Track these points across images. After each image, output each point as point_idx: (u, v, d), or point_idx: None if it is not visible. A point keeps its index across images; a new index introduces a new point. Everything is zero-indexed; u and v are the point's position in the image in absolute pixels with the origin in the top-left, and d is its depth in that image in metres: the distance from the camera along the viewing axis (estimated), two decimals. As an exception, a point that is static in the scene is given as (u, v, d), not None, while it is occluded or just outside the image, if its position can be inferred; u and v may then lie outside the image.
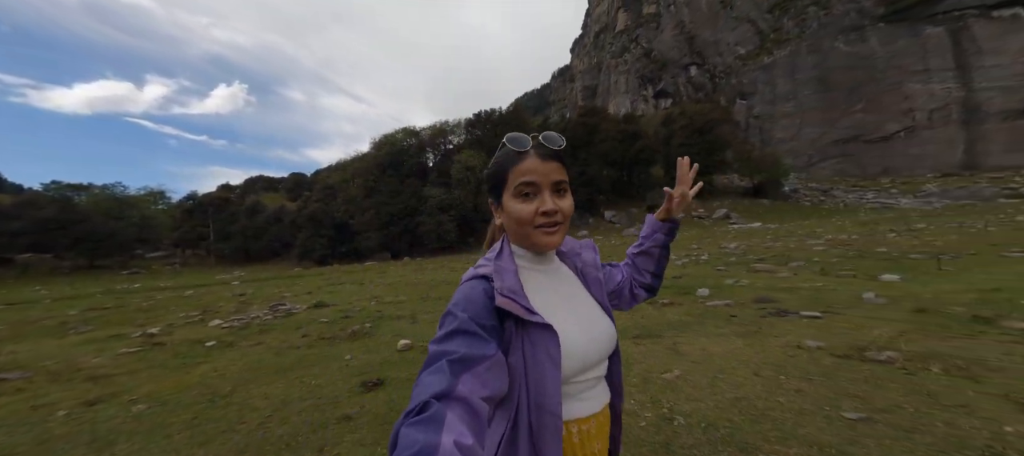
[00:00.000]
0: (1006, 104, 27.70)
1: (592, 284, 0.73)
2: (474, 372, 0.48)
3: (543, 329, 0.57)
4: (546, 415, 0.55)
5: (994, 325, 3.03)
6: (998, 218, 12.31)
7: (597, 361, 0.65)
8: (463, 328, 0.52)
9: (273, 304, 7.00)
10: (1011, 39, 27.03)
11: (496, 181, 0.66)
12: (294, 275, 17.32)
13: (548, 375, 0.56)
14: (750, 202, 30.93)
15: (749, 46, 44.43)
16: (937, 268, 5.44)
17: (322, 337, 4.52)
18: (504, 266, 0.62)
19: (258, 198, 40.59)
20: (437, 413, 0.41)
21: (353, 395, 2.72)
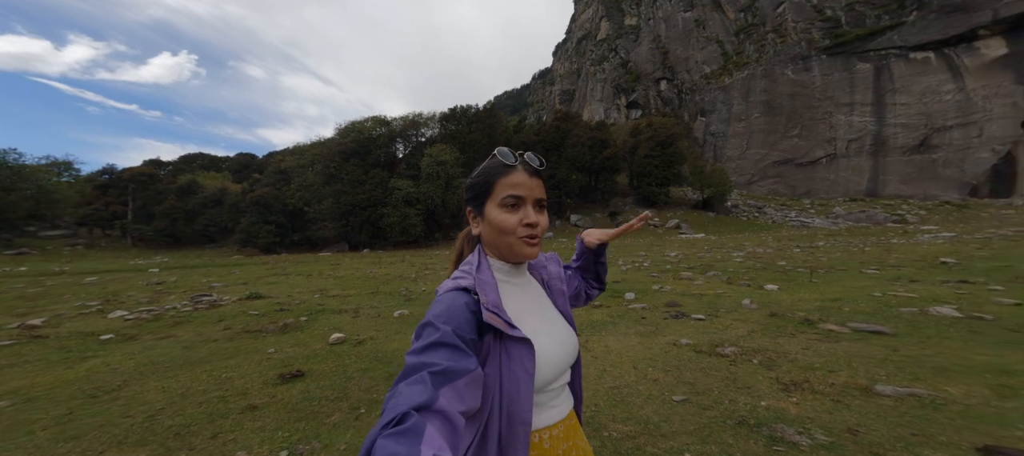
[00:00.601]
0: (906, 140, 32.41)
1: (557, 296, 0.75)
2: (454, 386, 0.48)
3: (521, 342, 0.58)
4: (517, 425, 0.56)
5: (813, 327, 3.58)
6: (878, 240, 14.30)
7: (564, 370, 0.67)
8: (445, 341, 0.51)
9: (196, 295, 6.15)
10: (919, 80, 31.50)
11: (481, 190, 0.67)
12: (231, 263, 15.58)
13: (522, 387, 0.57)
14: (699, 214, 33.34)
15: (715, 66, 47.75)
16: (809, 280, 6.23)
17: (247, 330, 4.08)
18: (485, 279, 0.63)
19: (193, 177, 36.01)
20: (416, 425, 0.41)
21: (266, 386, 2.47)
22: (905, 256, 8.83)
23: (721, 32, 46.86)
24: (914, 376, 2.31)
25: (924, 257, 8.30)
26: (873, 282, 5.79)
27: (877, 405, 1.97)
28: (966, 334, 3.10)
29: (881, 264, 7.68)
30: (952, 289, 5.00)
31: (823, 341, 3.18)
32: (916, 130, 31.34)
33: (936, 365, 2.48)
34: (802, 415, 1.95)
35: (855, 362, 2.63)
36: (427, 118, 33.24)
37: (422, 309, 5.33)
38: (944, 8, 29.12)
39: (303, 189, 28.59)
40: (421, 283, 7.97)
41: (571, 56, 75.44)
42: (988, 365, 2.42)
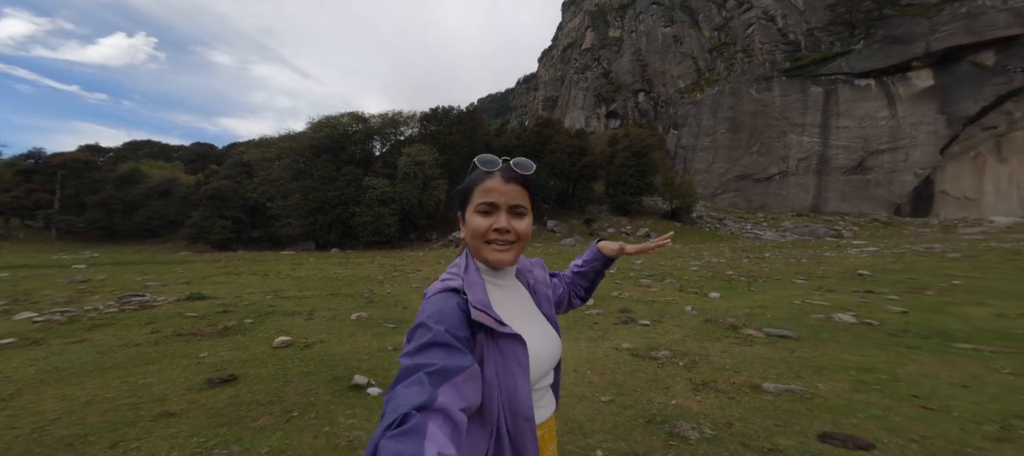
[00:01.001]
0: (845, 161, 35.84)
1: (542, 300, 0.77)
2: (453, 383, 0.48)
3: (512, 339, 0.59)
4: (521, 421, 0.57)
5: (736, 332, 3.95)
6: (815, 253, 15.64)
7: (550, 369, 0.70)
8: (439, 340, 0.52)
9: (125, 295, 5.66)
10: (860, 105, 34.90)
11: (463, 196, 0.70)
12: (176, 260, 14.40)
13: (519, 381, 0.58)
14: (667, 223, 34.95)
15: (689, 81, 50.18)
16: (748, 289, 6.82)
17: (179, 333, 3.84)
18: (473, 280, 0.64)
19: (138, 165, 32.86)
20: (418, 425, 0.41)
21: (189, 392, 2.36)
22: (832, 268, 9.81)
23: (696, 49, 49.69)
24: (797, 374, 2.65)
25: (846, 269, 9.26)
26: (798, 291, 6.39)
27: (760, 400, 2.25)
28: (853, 338, 3.55)
29: (809, 275, 8.43)
30: (858, 298, 5.64)
31: (740, 345, 3.52)
32: (854, 152, 34.76)
33: (818, 364, 2.85)
34: (700, 411, 2.18)
35: (758, 363, 2.94)
36: (407, 117, 32.53)
37: (383, 311, 5.24)
38: (886, 39, 32.63)
39: (267, 183, 26.96)
40: (388, 285, 7.79)
41: (556, 63, 76.85)
42: (857, 364, 2.81)
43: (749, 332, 3.89)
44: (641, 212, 36.72)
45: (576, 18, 73.86)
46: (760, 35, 42.94)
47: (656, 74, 52.29)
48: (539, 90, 79.64)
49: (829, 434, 1.77)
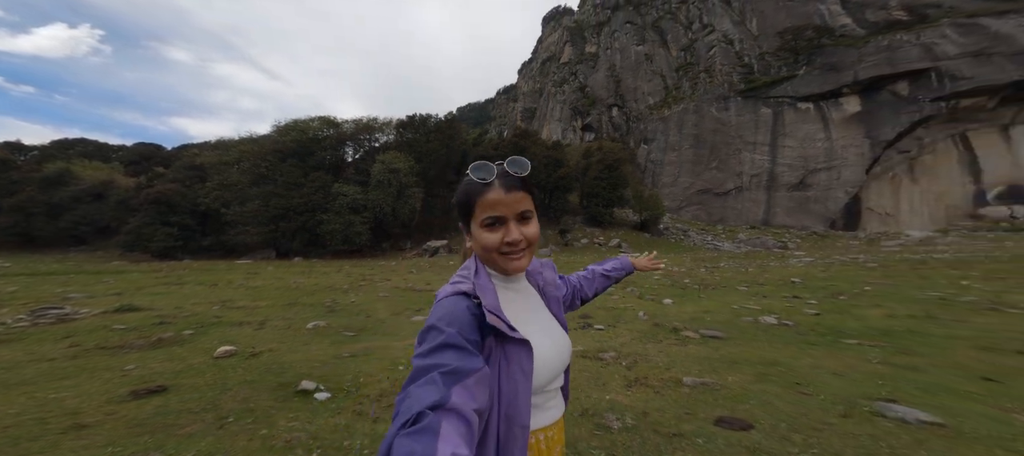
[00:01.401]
0: (789, 178, 39.60)
1: (552, 302, 0.78)
2: (465, 385, 0.49)
3: (520, 344, 0.60)
4: (516, 427, 0.57)
5: (677, 334, 4.30)
6: (762, 263, 16.94)
7: (559, 373, 0.70)
8: (452, 342, 0.53)
9: (39, 308, 5.08)
10: (801, 127, 38.92)
11: (464, 210, 0.69)
12: (106, 270, 13.02)
13: (520, 388, 0.58)
14: (637, 235, 36.57)
15: (657, 98, 53.34)
16: (698, 296, 7.40)
17: (102, 346, 3.56)
18: (484, 284, 0.64)
19: (67, 165, 29.42)
20: (432, 424, 0.41)
21: (108, 404, 2.24)
22: (772, 276, 10.81)
23: (665, 67, 53.21)
24: (714, 369, 2.97)
25: (783, 278, 10.24)
26: (739, 297, 6.99)
27: (679, 393, 2.51)
28: (770, 337, 4.01)
29: (752, 283, 9.20)
30: (785, 303, 6.29)
31: (678, 345, 3.84)
32: (797, 170, 38.60)
33: (734, 360, 3.21)
34: (628, 404, 2.40)
35: (687, 361, 3.26)
36: (382, 123, 31.89)
37: (345, 320, 5.11)
38: (823, 66, 37.05)
39: (223, 188, 25.17)
40: (353, 294, 7.55)
41: (535, 76, 79.02)
42: (764, 359, 3.21)
43: (687, 334, 4.25)
44: (613, 223, 38.17)
45: (556, 33, 76.77)
46: (720, 57, 47.06)
47: (628, 90, 55.29)
48: (518, 101, 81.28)
49: (723, 418, 2.05)
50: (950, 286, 7.74)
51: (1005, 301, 5.97)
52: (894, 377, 2.71)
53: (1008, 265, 10.48)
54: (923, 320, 4.83)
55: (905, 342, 3.71)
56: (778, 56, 42.37)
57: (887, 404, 2.14)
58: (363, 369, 2.99)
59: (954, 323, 4.64)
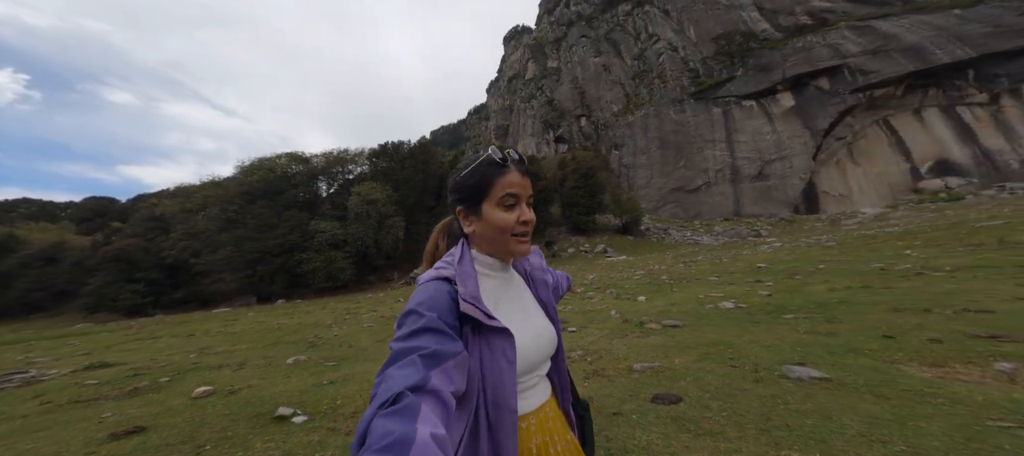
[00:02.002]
0: (749, 170, 42.20)
1: (540, 286, 0.78)
2: (443, 368, 0.50)
3: (500, 333, 0.60)
4: (504, 412, 0.58)
5: (642, 327, 4.61)
6: (737, 252, 17.56)
7: (541, 361, 0.71)
8: (431, 326, 0.53)
9: (4, 374, 4.86)
10: (750, 123, 42.03)
11: (477, 190, 0.69)
12: (71, 333, 12.23)
13: (505, 376, 0.59)
14: (621, 238, 37.52)
15: (619, 105, 56.06)
16: (670, 290, 7.82)
17: (76, 401, 3.54)
18: (466, 271, 0.65)
19: (11, 230, 27.54)
20: (412, 404, 0.42)
21: (86, 447, 2.32)
22: (742, 264, 11.44)
23: (622, 76, 56.24)
24: (665, 354, 3.30)
25: (750, 265, 10.88)
26: (707, 287, 7.40)
27: (629, 378, 2.81)
28: (724, 320, 4.41)
29: (722, 272, 9.66)
30: (746, 288, 6.74)
31: (641, 337, 4.14)
32: (754, 162, 41.28)
33: (685, 344, 3.55)
34: (581, 394, 2.66)
35: (644, 350, 3.56)
36: (354, 154, 31.75)
37: (327, 352, 5.13)
38: (756, 67, 40.72)
39: (189, 237, 24.18)
40: (336, 328, 7.52)
41: (503, 93, 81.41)
42: (712, 340, 3.57)
43: (651, 326, 4.56)
44: (596, 230, 39.03)
45: (517, 51, 79.91)
46: (669, 63, 50.55)
47: (593, 100, 57.91)
48: (490, 119, 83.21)
49: (657, 395, 2.35)
50: (894, 256, 8.48)
51: (932, 266, 6.71)
52: (812, 343, 3.12)
53: (945, 232, 11.50)
54: (858, 290, 5.39)
55: (834, 312, 4.19)
56: (717, 60, 46.31)
57: (793, 367, 2.50)
58: (341, 393, 3.13)
59: (883, 290, 5.22)
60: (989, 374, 2.17)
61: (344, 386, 3.37)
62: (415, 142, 34.13)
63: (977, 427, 1.67)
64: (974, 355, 2.45)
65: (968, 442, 1.58)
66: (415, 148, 33.64)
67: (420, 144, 34.32)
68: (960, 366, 2.31)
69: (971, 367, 2.28)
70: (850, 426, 1.75)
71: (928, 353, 2.58)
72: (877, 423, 1.75)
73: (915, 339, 2.86)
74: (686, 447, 1.74)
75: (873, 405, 1.94)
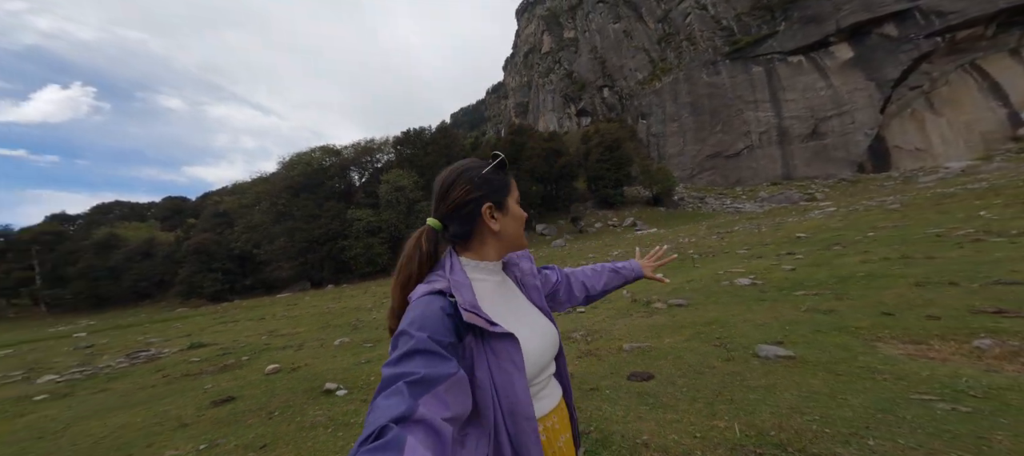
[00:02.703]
0: (800, 130, 37.92)
1: (531, 291, 0.77)
2: (434, 393, 0.47)
3: (504, 338, 0.58)
4: (521, 420, 0.56)
5: (648, 306, 4.72)
6: (781, 220, 16.44)
7: (549, 361, 0.71)
8: (421, 348, 0.51)
9: (132, 352, 6.31)
10: (798, 79, 37.47)
11: (502, 185, 0.71)
12: (173, 318, 14.86)
13: (516, 381, 0.57)
14: (651, 210, 36.16)
15: (645, 72, 52.32)
16: (693, 265, 7.63)
17: (186, 374, 4.57)
18: (460, 280, 0.63)
19: (113, 230, 32.78)
20: (396, 439, 0.39)
21: (199, 411, 3.12)
22: (782, 234, 10.65)
23: (646, 41, 51.93)
24: (657, 334, 3.51)
25: (789, 235, 10.19)
26: (732, 261, 7.18)
27: (618, 357, 3.08)
28: (731, 298, 4.43)
29: (755, 245, 9.17)
30: (772, 262, 6.45)
31: (643, 317, 4.32)
32: (806, 121, 36.97)
33: (681, 324, 3.71)
34: (572, 371, 2.92)
35: (640, 330, 3.79)
36: (380, 143, 33.04)
37: (366, 335, 5.87)
38: (802, 19, 35.52)
39: (249, 231, 27.23)
40: (375, 312, 8.42)
41: (520, 69, 78.82)
42: (709, 319, 3.69)
43: (657, 305, 4.69)
44: (624, 203, 37.90)
45: (531, 24, 76.03)
46: (698, 23, 45.63)
47: (615, 69, 54.32)
48: (509, 97, 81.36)
49: (634, 373, 2.63)
50: (964, 219, 7.61)
51: (997, 230, 6.01)
52: (804, 321, 3.16)
53: (1036, 188, 10.02)
54: (894, 262, 5.03)
55: (850, 287, 4.07)
56: (754, 15, 40.92)
57: (766, 346, 2.63)
58: (375, 371, 3.77)
59: (923, 261, 4.86)
60: (962, 351, 2.18)
61: (378, 365, 4.03)
62: (436, 127, 34.65)
63: (900, 400, 1.78)
64: (961, 332, 2.44)
65: (877, 412, 1.70)
66: (436, 133, 34.27)
67: (441, 129, 34.85)
68: (938, 343, 2.33)
69: (949, 343, 2.30)
70: (786, 400, 1.92)
71: (918, 330, 2.58)
72: (812, 397, 1.90)
73: (914, 316, 2.84)
74: (639, 417, 2.03)
75: (820, 381, 2.07)
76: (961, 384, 1.85)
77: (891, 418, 1.67)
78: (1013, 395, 1.71)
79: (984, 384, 1.82)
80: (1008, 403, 1.66)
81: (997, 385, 1.80)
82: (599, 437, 1.93)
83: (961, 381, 1.87)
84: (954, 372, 1.97)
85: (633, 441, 1.83)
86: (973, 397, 1.74)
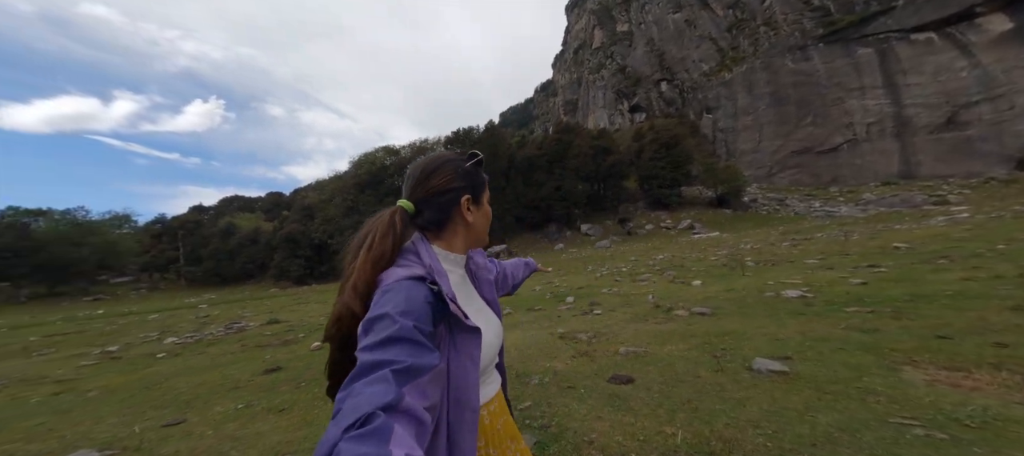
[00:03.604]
0: (930, 119, 30.64)
1: (483, 285, 0.78)
2: (417, 384, 0.46)
3: (470, 331, 0.59)
4: (466, 411, 0.57)
5: (668, 312, 4.41)
6: (883, 227, 13.85)
7: (495, 355, 0.74)
8: (404, 335, 0.49)
9: (229, 323, 7.90)
10: (927, 60, 30.24)
11: (477, 185, 0.73)
12: (266, 296, 18.04)
13: (470, 373, 0.59)
14: (714, 212, 32.63)
15: (711, 63, 47.61)
16: (742, 274, 6.79)
17: (258, 345, 5.60)
18: (438, 268, 0.63)
19: (231, 219, 40.56)
20: (383, 426, 0.39)
21: (253, 377, 3.86)
22: (877, 244, 8.81)
23: (713, 29, 46.92)
24: (661, 342, 3.29)
25: (886, 245, 8.40)
26: (793, 271, 6.33)
27: (611, 359, 2.98)
28: (764, 310, 3.95)
29: (833, 254, 7.94)
30: (843, 273, 5.55)
31: (659, 324, 4.06)
32: (938, 109, 29.72)
33: (692, 333, 3.44)
34: (558, 369, 2.91)
35: (647, 336, 3.58)
36: (433, 143, 35.40)
37: None
38: None
39: (326, 223, 31.39)
40: None
41: (569, 66, 77.32)
42: (724, 330, 3.36)
43: (678, 313, 4.39)
44: (682, 203, 34.88)
45: (582, 19, 73.89)
46: (780, 6, 39.57)
47: (675, 61, 50.06)
48: (558, 95, 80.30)
49: (615, 376, 2.54)
50: None
51: None
52: (835, 339, 2.74)
53: None
54: (1006, 281, 4.00)
55: (920, 307, 3.36)
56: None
57: (762, 360, 2.34)
58: None
59: None
60: (1009, 382, 1.84)
61: None
62: (484, 127, 35.80)
63: (872, 422, 1.56)
64: (1002, 362, 2.04)
65: (836, 431, 1.57)
66: (484, 133, 35.37)
67: (488, 128, 35.85)
68: (986, 372, 1.97)
69: (1000, 374, 1.94)
70: (749, 413, 1.74)
71: (969, 356, 2.20)
72: (779, 413, 1.70)
73: (975, 342, 2.40)
74: (598, 417, 2.00)
75: (800, 398, 1.87)
76: (963, 412, 1.64)
77: (846, 438, 1.49)
78: (1015, 427, 1.51)
79: (992, 414, 1.61)
80: (1003, 434, 1.49)
81: (1006, 416, 1.59)
82: (556, 431, 1.96)
83: (966, 410, 1.64)
84: (965, 400, 1.67)
85: (581, 439, 1.83)
86: (966, 426, 1.57)
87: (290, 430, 2.38)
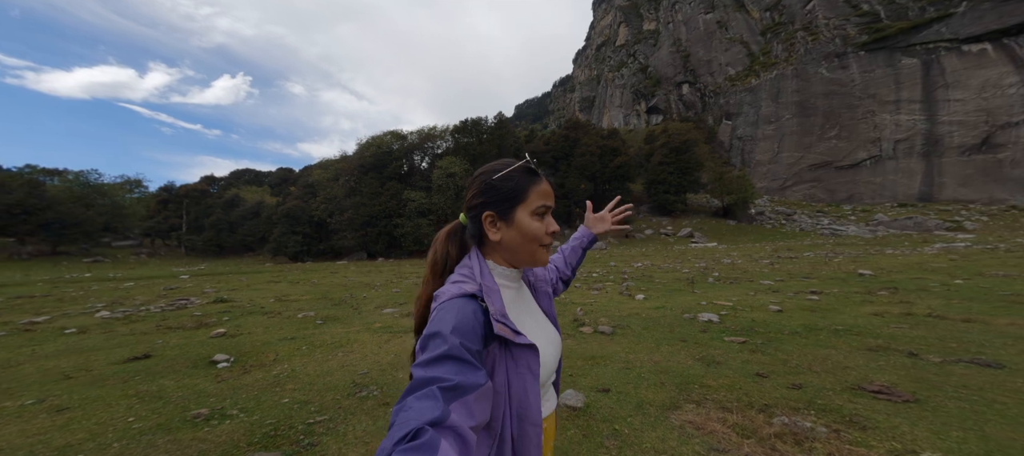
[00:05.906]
0: (963, 139, 28.58)
1: (542, 297, 0.79)
2: (464, 402, 0.48)
3: (526, 348, 0.60)
4: (528, 425, 0.58)
5: (578, 329, 4.18)
6: (876, 250, 13.05)
7: (555, 368, 0.73)
8: (454, 354, 0.51)
9: (177, 299, 7.75)
10: (975, 74, 28.05)
11: (512, 195, 0.67)
12: (252, 271, 18.12)
13: (530, 389, 0.59)
14: (717, 222, 31.58)
15: (740, 67, 45.61)
16: (691, 290, 6.47)
17: (169, 327, 5.25)
18: (491, 286, 0.63)
19: (238, 191, 41.29)
20: (431, 441, 0.41)
21: (110, 365, 3.62)
22: (851, 268, 8.41)
23: (745, 32, 44.55)
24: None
25: (853, 270, 7.93)
26: (734, 292, 6.06)
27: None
28: (663, 334, 3.72)
29: (793, 277, 7.61)
30: (769, 298, 5.26)
31: (564, 339, 3.82)
32: (975, 127, 27.60)
33: (578, 354, 3.21)
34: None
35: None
36: (441, 131, 34.45)
37: (338, 312, 6.04)
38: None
39: (328, 201, 31.59)
40: (375, 290, 8.73)
41: (591, 63, 75.41)
42: (606, 353, 3.15)
43: (583, 329, 4.15)
44: (686, 211, 33.88)
45: (608, 15, 71.55)
46: (824, 10, 37.03)
47: (701, 63, 47.90)
48: (575, 91, 78.67)
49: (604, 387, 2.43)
50: None
51: None
52: (670, 371, 2.53)
53: None
54: (918, 322, 3.71)
55: (792, 342, 3.22)
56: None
57: (574, 392, 2.27)
58: (298, 349, 3.94)
59: (960, 324, 3.46)
60: (751, 426, 1.84)
61: (304, 346, 4.27)
62: (493, 118, 35.19)
63: None
64: (791, 406, 2.04)
65: None
66: (493, 124, 34.79)
67: (497, 120, 35.26)
68: (743, 415, 1.97)
69: (757, 416, 1.93)
70: None
71: (745, 399, 2.18)
72: None
73: (776, 382, 2.42)
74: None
75: (563, 437, 1.80)
76: None
77: None
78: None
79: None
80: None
81: None
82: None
83: None
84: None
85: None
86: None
87: (35, 435, 2.18)
